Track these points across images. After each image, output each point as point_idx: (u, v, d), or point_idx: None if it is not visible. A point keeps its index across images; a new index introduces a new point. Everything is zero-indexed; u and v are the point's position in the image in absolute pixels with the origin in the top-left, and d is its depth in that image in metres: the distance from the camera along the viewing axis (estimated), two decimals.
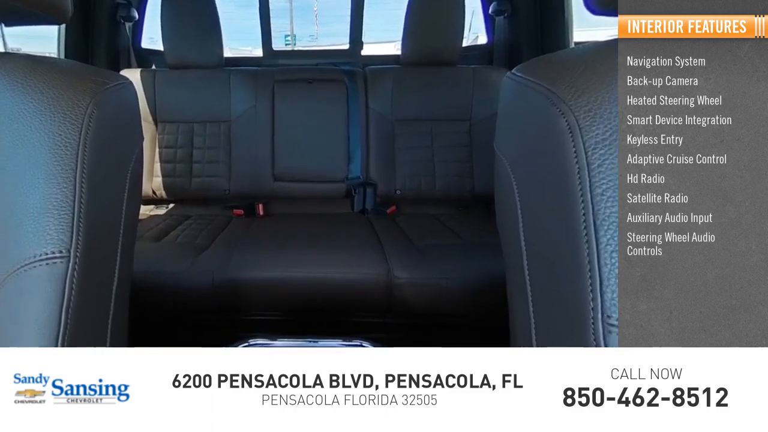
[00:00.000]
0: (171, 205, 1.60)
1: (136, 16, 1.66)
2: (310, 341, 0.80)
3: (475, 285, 1.00)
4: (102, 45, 1.57)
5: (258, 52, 1.81)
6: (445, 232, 1.29)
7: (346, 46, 1.78)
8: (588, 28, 1.61)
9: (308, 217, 1.45)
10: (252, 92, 1.52)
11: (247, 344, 0.76)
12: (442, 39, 1.46)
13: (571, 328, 0.33)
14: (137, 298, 0.92)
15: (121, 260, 0.47)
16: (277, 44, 1.81)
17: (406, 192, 1.48)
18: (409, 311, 1.04)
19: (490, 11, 1.65)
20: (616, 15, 0.38)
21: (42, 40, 1.54)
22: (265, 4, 1.73)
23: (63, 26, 1.42)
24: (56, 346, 0.36)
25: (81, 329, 0.39)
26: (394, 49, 1.75)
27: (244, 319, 1.09)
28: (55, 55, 1.47)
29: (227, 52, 1.58)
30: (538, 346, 0.38)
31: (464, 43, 1.52)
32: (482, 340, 1.00)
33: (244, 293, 1.03)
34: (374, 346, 0.75)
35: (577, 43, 1.45)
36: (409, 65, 1.53)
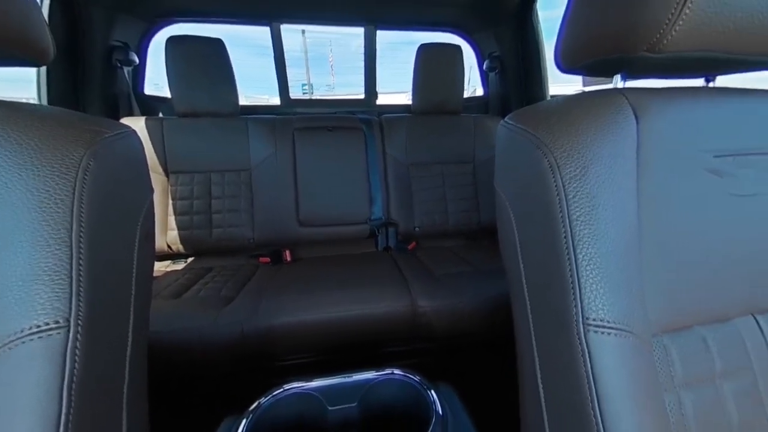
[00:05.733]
0: (190, 259, 1.51)
1: (137, 60, 1.54)
2: (344, 376, 0.77)
3: (486, 305, 1.06)
4: (95, 91, 1.42)
5: (274, 101, 1.77)
6: (459, 261, 1.38)
7: (362, 96, 1.84)
8: (561, 84, 1.90)
9: (335, 258, 1.46)
10: (271, 140, 1.50)
11: (282, 390, 0.73)
12: (446, 91, 1.59)
13: (561, 331, 0.38)
14: (159, 359, 0.86)
15: (135, 323, 0.43)
16: (294, 93, 1.77)
17: (424, 228, 1.56)
18: (432, 336, 1.07)
19: (484, 68, 1.86)
20: (580, 74, 0.46)
21: (18, 84, 1.36)
22: (281, 53, 1.70)
23: (44, 69, 1.28)
24: (57, 428, 0.32)
25: (89, 403, 0.35)
26: (405, 99, 1.82)
27: (277, 365, 1.07)
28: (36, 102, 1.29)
29: (241, 101, 1.51)
30: (537, 347, 0.43)
31: (465, 95, 1.65)
32: (494, 352, 1.14)
33: (275, 339, 1.01)
34: (405, 373, 0.76)
35: (552, 96, 1.59)
36: (420, 114, 1.63)
